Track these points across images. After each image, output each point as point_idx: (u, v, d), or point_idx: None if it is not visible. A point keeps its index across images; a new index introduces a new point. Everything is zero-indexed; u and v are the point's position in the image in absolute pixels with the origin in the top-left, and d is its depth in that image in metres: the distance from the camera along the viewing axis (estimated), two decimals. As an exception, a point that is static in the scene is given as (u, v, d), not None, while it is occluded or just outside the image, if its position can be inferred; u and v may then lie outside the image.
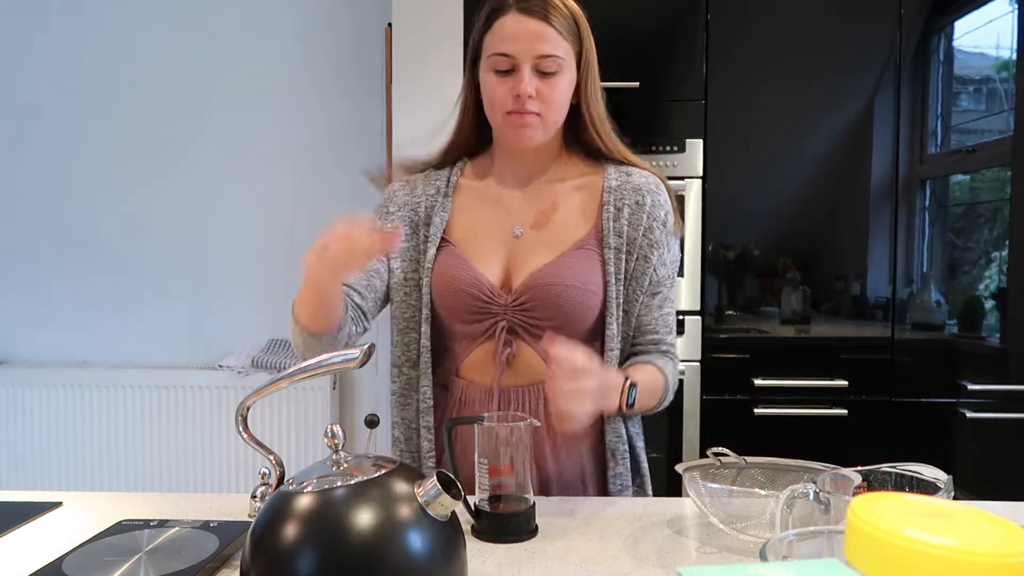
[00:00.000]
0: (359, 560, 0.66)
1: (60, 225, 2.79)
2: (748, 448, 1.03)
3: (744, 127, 2.24)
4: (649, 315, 1.17)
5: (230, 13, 2.73)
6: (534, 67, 1.07)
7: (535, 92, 1.07)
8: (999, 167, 2.21)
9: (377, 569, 0.66)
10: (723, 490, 0.91)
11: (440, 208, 1.17)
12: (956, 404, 2.20)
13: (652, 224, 1.14)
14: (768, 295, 2.26)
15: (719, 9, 2.20)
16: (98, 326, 2.79)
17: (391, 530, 0.67)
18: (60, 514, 1.01)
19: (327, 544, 0.66)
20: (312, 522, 0.67)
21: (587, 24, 1.12)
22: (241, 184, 2.75)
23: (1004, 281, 2.20)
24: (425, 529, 0.68)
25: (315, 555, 0.66)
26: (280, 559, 0.67)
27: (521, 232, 1.15)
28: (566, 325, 1.10)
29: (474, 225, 1.16)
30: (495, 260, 1.14)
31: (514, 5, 1.07)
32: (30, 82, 2.76)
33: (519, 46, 1.06)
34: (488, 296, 1.11)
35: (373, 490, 0.69)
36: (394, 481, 0.71)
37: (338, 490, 0.69)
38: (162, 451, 2.65)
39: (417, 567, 0.67)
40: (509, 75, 1.08)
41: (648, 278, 1.15)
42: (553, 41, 1.07)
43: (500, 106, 1.09)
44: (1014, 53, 2.19)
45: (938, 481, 0.85)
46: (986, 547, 0.41)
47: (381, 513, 0.68)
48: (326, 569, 0.65)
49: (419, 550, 0.68)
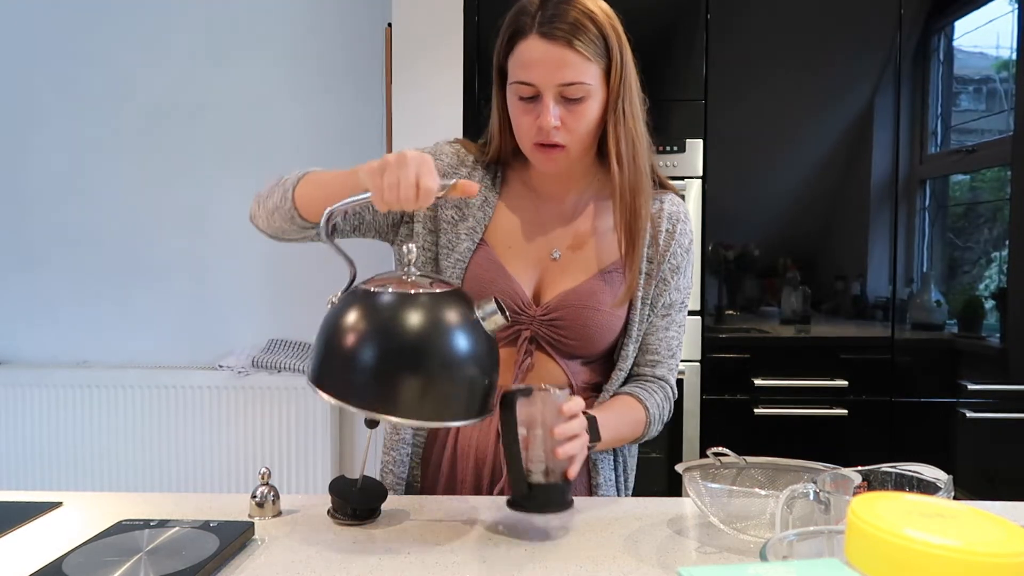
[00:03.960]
0: (421, 349, 0.83)
1: (60, 224, 2.79)
2: (748, 448, 1.03)
3: (744, 127, 2.24)
4: (654, 335, 1.17)
5: (230, 13, 2.73)
6: (557, 95, 1.01)
7: (560, 122, 1.02)
8: (999, 167, 2.21)
9: (436, 357, 0.84)
10: (723, 490, 0.91)
11: (483, 203, 1.13)
12: (956, 404, 2.20)
13: (677, 250, 1.15)
14: (768, 295, 2.26)
15: (719, 9, 2.20)
16: (98, 326, 2.79)
17: (450, 330, 0.85)
18: (60, 514, 1.01)
19: (392, 335, 0.83)
20: (382, 318, 0.84)
21: (621, 35, 1.04)
22: (241, 184, 2.74)
23: (1004, 281, 2.20)
24: (476, 336, 0.86)
25: (381, 343, 0.83)
26: (354, 345, 0.83)
27: (559, 255, 1.14)
28: (587, 345, 1.12)
29: (513, 236, 1.14)
30: (530, 274, 1.13)
31: (535, 28, 1.00)
32: (30, 82, 2.76)
33: (540, 74, 1.00)
34: (519, 308, 1.10)
35: (436, 300, 0.86)
36: (455, 297, 0.88)
37: (406, 295, 0.86)
38: (162, 451, 2.65)
39: (467, 363, 0.86)
40: (533, 102, 1.03)
41: (663, 300, 1.15)
42: (577, 67, 1.00)
43: (526, 136, 1.06)
44: (1014, 53, 2.19)
45: (938, 481, 0.85)
46: (986, 547, 0.41)
47: (442, 317, 0.85)
48: (390, 354, 0.83)
49: (468, 350, 0.85)
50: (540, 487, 0.92)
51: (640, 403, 1.13)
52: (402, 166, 0.87)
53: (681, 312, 1.19)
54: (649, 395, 1.14)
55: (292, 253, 2.76)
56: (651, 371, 1.18)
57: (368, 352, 0.83)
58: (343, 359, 0.84)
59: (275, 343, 2.73)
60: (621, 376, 1.15)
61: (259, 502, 0.99)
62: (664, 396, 1.17)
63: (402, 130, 2.23)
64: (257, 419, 2.60)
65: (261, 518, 0.98)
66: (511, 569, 0.84)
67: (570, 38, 0.99)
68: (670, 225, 1.15)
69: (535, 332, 1.11)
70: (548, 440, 0.92)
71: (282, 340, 2.74)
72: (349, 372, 0.84)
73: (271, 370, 2.63)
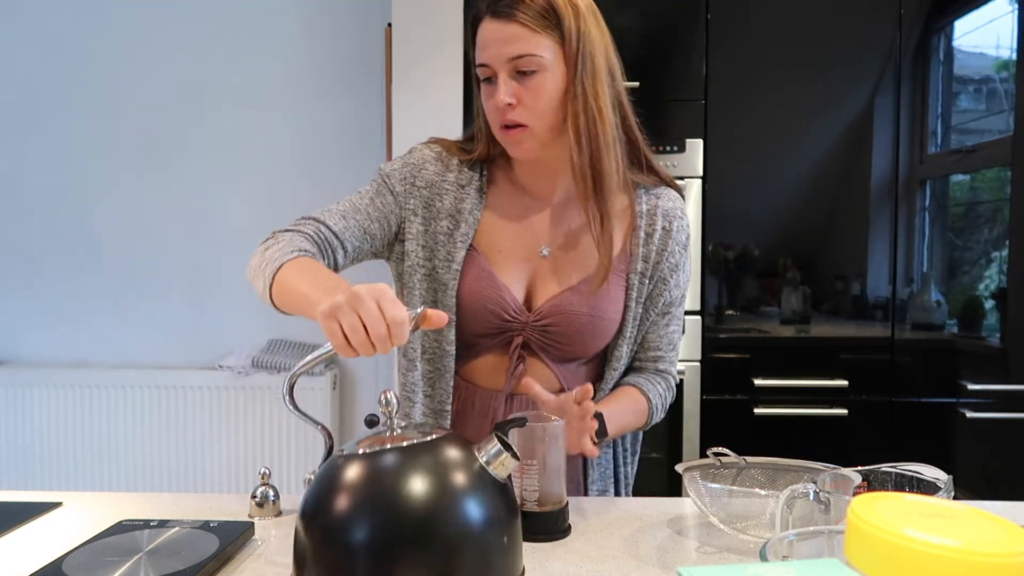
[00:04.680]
0: (424, 521, 0.67)
1: (60, 225, 2.79)
2: (748, 448, 1.03)
3: (744, 127, 2.23)
4: (655, 333, 1.17)
5: (230, 13, 2.73)
6: (511, 71, 1.00)
7: (515, 99, 1.00)
8: (999, 167, 2.21)
9: (442, 530, 0.68)
10: (723, 490, 0.91)
11: (472, 208, 1.11)
12: (956, 404, 2.20)
13: (675, 248, 1.13)
14: (768, 295, 2.26)
15: (719, 9, 2.20)
16: (98, 326, 2.79)
17: (455, 490, 0.69)
18: (60, 514, 1.01)
19: (388, 507, 0.67)
20: (371, 486, 0.68)
21: (580, 10, 1.02)
22: (241, 184, 2.75)
23: (1004, 281, 2.20)
24: (486, 489, 0.71)
25: (375, 519, 0.67)
26: (342, 525, 0.68)
27: (548, 252, 1.11)
28: (581, 349, 1.11)
29: (501, 237, 1.11)
30: (520, 277, 1.11)
31: (487, 11, 1.01)
32: (30, 82, 2.76)
33: (490, 52, 1.01)
34: (511, 315, 1.09)
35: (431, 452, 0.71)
36: (452, 444, 0.73)
37: (395, 453, 0.70)
38: (162, 451, 2.65)
39: (478, 527, 0.69)
40: (492, 84, 1.02)
41: (663, 299, 1.14)
42: (524, 39, 0.99)
43: (493, 121, 1.05)
44: (1014, 53, 2.19)
45: (938, 481, 0.85)
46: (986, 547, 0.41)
47: (443, 474, 0.69)
48: (388, 533, 0.67)
49: (480, 510, 0.70)
50: (534, 515, 0.92)
51: (643, 393, 1.13)
52: (358, 304, 0.75)
53: (680, 307, 1.19)
54: (652, 386, 1.15)
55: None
56: (653, 365, 1.18)
57: (362, 551, 0.68)
58: (334, 559, 0.69)
59: (275, 343, 2.73)
60: (615, 376, 1.14)
61: (259, 502, 0.99)
62: (666, 386, 1.18)
63: (402, 130, 2.23)
64: (257, 419, 2.60)
65: (261, 518, 0.98)
66: (511, 569, 0.84)
67: (514, 12, 0.99)
68: (666, 223, 1.13)
69: (527, 338, 1.10)
70: (543, 469, 0.93)
71: (282, 340, 2.74)
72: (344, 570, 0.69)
73: (271, 370, 2.63)
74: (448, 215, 1.11)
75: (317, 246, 1.04)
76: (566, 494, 0.96)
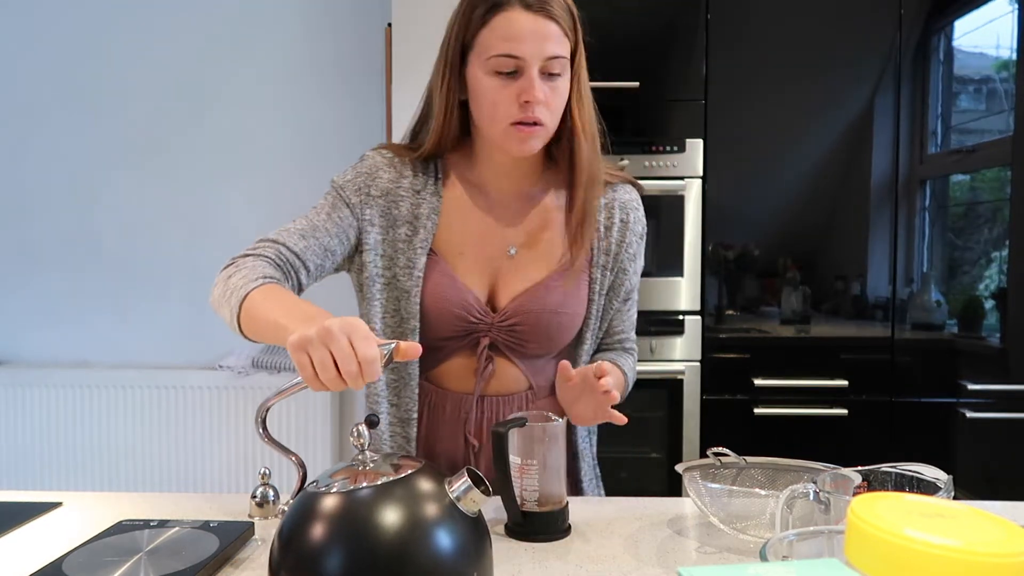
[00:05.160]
0: (394, 557, 0.66)
1: (60, 225, 2.79)
2: (748, 448, 1.03)
3: (744, 127, 2.23)
4: (619, 319, 1.19)
5: (230, 13, 2.73)
6: (541, 70, 0.99)
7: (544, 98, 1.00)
8: (999, 167, 2.21)
9: (412, 565, 0.67)
10: (723, 490, 0.91)
11: (430, 212, 1.09)
12: (956, 404, 2.20)
13: (633, 240, 1.16)
14: (768, 295, 2.26)
15: (719, 9, 2.20)
16: (98, 326, 2.79)
17: (424, 526, 0.68)
18: (60, 514, 1.01)
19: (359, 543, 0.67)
20: (343, 522, 0.68)
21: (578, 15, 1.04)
22: (241, 184, 2.75)
23: (1004, 281, 2.20)
24: (456, 524, 0.70)
25: (347, 554, 0.66)
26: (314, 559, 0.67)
27: (515, 252, 1.11)
28: (548, 345, 1.12)
29: (462, 239, 1.10)
30: (482, 277, 1.10)
31: (517, 1, 0.98)
32: (30, 82, 2.76)
33: (528, 47, 0.97)
34: (476, 316, 1.08)
35: (402, 488, 0.70)
36: (423, 479, 0.72)
37: (367, 490, 0.69)
38: (162, 451, 2.65)
39: (449, 562, 0.68)
40: (512, 77, 1.00)
41: (623, 288, 1.16)
42: (558, 40, 0.99)
43: (505, 115, 1.01)
44: (1014, 53, 2.19)
45: (938, 481, 0.85)
46: (986, 547, 0.41)
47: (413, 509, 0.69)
48: (359, 568, 0.66)
49: (450, 545, 0.69)
50: (535, 515, 0.93)
51: (619, 368, 1.15)
52: (329, 339, 0.73)
53: (637, 291, 1.21)
54: (623, 360, 1.18)
55: (292, 253, 2.76)
56: (620, 346, 1.21)
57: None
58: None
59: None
60: (583, 364, 1.15)
61: (259, 502, 0.99)
62: (633, 359, 1.22)
63: (402, 130, 2.21)
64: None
65: (261, 518, 0.98)
66: (511, 569, 0.84)
67: (549, 9, 0.99)
68: (623, 215, 1.14)
69: (494, 338, 1.09)
70: (543, 469, 0.93)
71: (282, 340, 2.74)
72: None
73: (271, 370, 2.63)
74: (406, 221, 1.09)
75: (280, 270, 1.01)
76: (566, 494, 0.96)
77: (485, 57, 1.01)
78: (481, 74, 1.02)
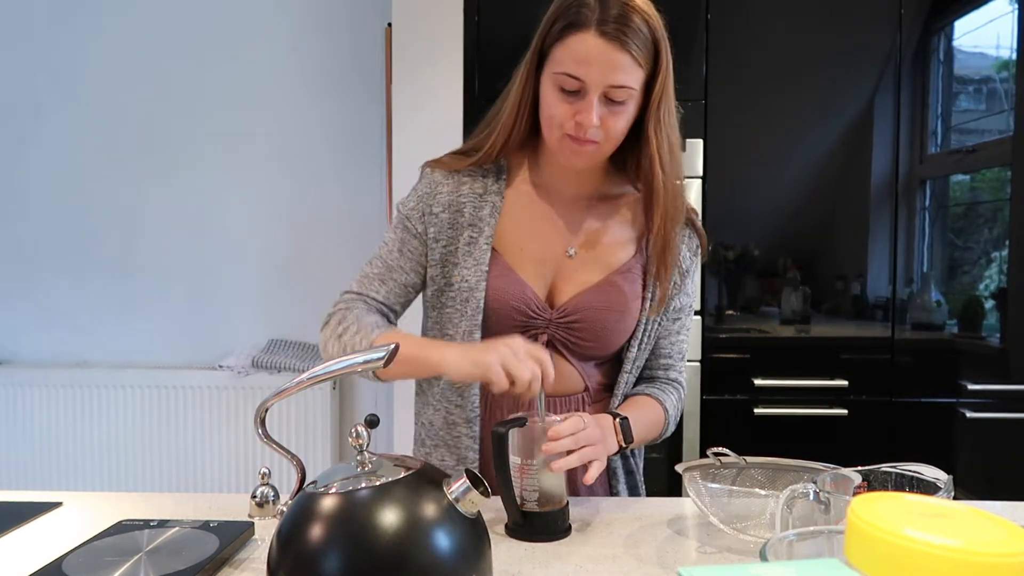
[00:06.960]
0: (392, 558, 0.66)
1: (60, 226, 2.79)
2: (748, 448, 1.03)
3: (744, 127, 2.23)
4: (666, 339, 1.19)
5: (229, 13, 2.73)
6: (603, 95, 1.00)
7: (600, 121, 1.01)
8: (999, 167, 2.21)
9: (410, 566, 0.67)
10: (723, 490, 0.91)
11: (491, 211, 1.12)
12: (956, 404, 2.20)
13: (687, 253, 1.17)
14: (768, 295, 2.26)
15: (719, 9, 2.20)
16: (98, 326, 2.79)
17: (422, 527, 0.68)
18: (60, 514, 1.01)
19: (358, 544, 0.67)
20: (341, 523, 0.68)
21: (666, 41, 1.04)
22: (241, 184, 2.75)
23: (1004, 281, 2.20)
24: (455, 525, 0.70)
25: (345, 555, 0.67)
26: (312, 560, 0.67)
27: (575, 252, 1.13)
28: (603, 346, 1.13)
29: (523, 238, 1.12)
30: (542, 275, 1.12)
31: (594, 24, 0.98)
32: (30, 82, 2.76)
33: (592, 72, 0.99)
34: (535, 312, 1.10)
35: (401, 489, 0.70)
36: (421, 480, 0.72)
37: (366, 490, 0.70)
38: (162, 451, 2.65)
39: (448, 563, 0.69)
40: (574, 96, 1.01)
41: (673, 304, 1.16)
42: (628, 71, 0.99)
43: (559, 126, 1.03)
44: (1014, 53, 2.19)
45: (938, 481, 0.85)
46: (986, 547, 0.41)
47: (412, 510, 0.69)
48: (357, 569, 0.66)
49: (449, 546, 0.69)
50: (535, 515, 0.93)
51: (659, 404, 1.15)
52: (522, 360, 0.94)
53: (690, 316, 1.21)
54: (666, 396, 1.17)
55: (293, 253, 2.76)
56: (664, 374, 1.20)
57: None
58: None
59: (275, 343, 2.73)
60: (627, 378, 1.16)
61: (259, 502, 0.99)
62: (678, 397, 1.20)
63: (402, 130, 2.23)
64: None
65: (261, 518, 0.98)
66: (511, 569, 0.84)
67: (628, 41, 0.98)
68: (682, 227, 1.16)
69: (552, 335, 1.11)
70: (543, 469, 0.93)
71: (282, 340, 2.74)
72: None
73: (271, 370, 2.63)
74: (469, 224, 1.12)
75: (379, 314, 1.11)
76: (566, 494, 0.96)
77: (554, 71, 1.02)
78: (548, 84, 1.04)
